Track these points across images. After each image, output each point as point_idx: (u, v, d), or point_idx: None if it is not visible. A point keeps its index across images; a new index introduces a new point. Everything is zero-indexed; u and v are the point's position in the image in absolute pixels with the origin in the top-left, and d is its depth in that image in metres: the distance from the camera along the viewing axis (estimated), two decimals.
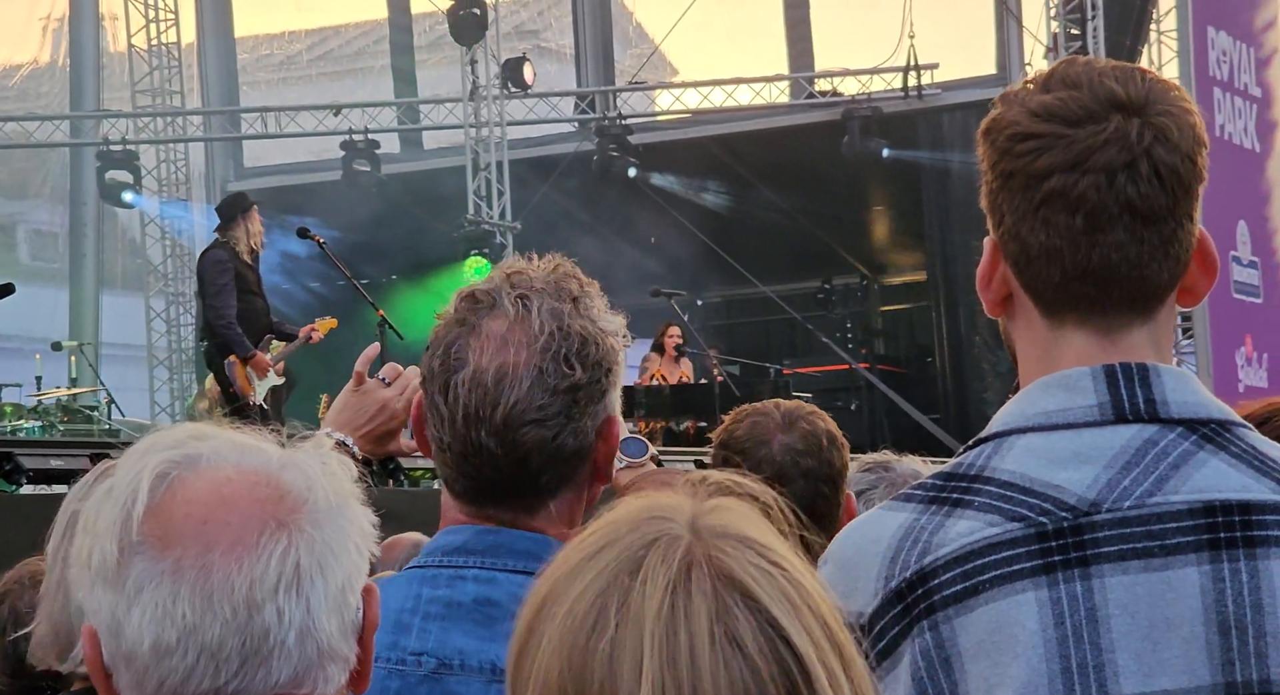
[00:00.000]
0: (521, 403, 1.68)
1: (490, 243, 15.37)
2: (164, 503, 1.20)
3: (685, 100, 18.23)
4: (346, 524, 1.24)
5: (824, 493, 2.68)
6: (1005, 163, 1.50)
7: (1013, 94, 1.53)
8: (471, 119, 16.08)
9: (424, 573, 1.74)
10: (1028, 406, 1.50)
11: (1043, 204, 1.47)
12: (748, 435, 2.69)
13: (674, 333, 13.25)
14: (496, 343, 1.69)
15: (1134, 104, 1.47)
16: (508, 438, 1.68)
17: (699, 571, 1.00)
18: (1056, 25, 14.98)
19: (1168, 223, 1.48)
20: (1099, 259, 1.47)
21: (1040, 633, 1.41)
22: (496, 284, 1.73)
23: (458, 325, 1.72)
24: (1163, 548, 1.43)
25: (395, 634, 1.69)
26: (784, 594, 1.01)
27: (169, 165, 17.97)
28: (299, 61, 32.69)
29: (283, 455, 1.25)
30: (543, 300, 1.71)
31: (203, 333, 10.25)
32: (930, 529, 1.46)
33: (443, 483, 1.76)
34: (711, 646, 0.97)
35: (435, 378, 1.71)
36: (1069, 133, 1.47)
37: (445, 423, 1.70)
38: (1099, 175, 1.46)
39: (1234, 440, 1.48)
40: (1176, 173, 1.47)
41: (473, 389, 1.68)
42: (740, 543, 1.02)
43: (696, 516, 1.03)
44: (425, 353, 1.76)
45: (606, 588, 1.01)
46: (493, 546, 1.72)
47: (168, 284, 17.97)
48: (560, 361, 1.69)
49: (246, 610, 1.18)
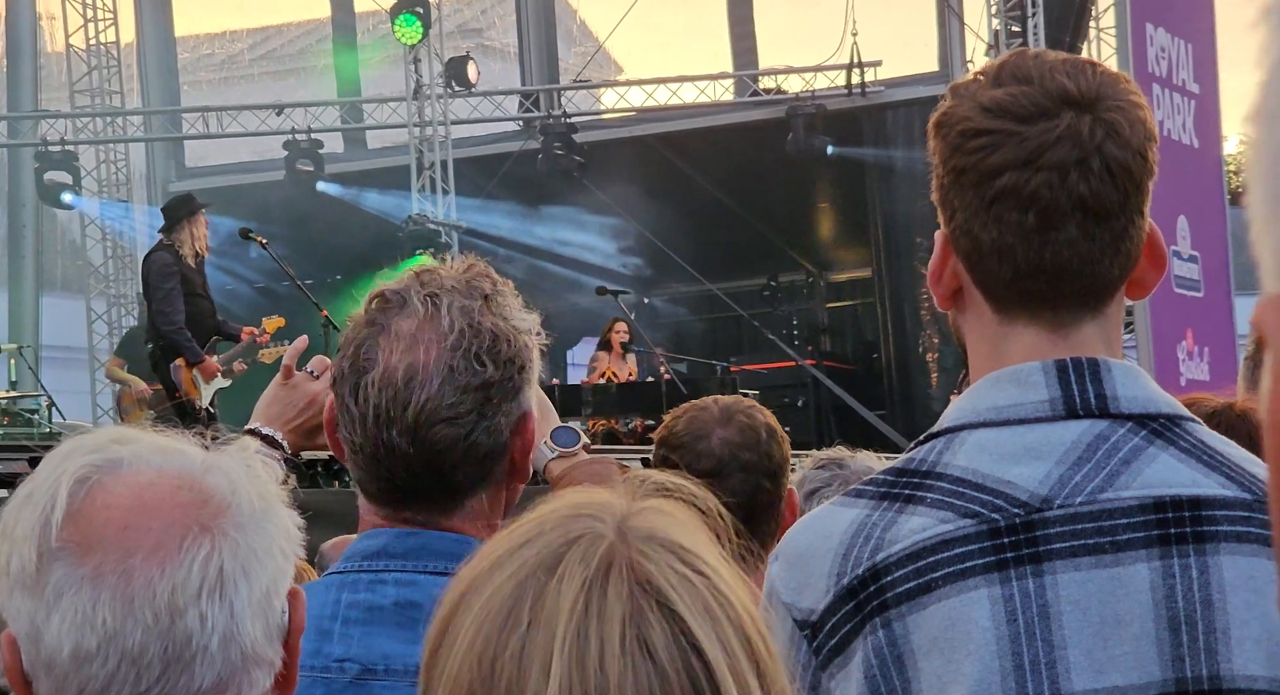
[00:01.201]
0: (432, 401, 1.66)
1: (435, 242, 15.31)
2: (84, 508, 1.19)
3: (630, 98, 18.22)
4: (271, 527, 1.24)
5: (764, 486, 2.68)
6: (957, 159, 1.49)
7: (963, 87, 1.53)
8: (415, 118, 16.00)
9: (343, 578, 1.72)
10: (979, 401, 1.50)
11: (995, 201, 1.47)
12: (686, 430, 2.69)
13: (620, 328, 13.24)
14: (406, 342, 1.67)
15: (1085, 99, 1.47)
16: (419, 437, 1.66)
17: (617, 574, 0.98)
18: (998, 22, 15.07)
19: (1119, 219, 1.48)
20: (1051, 256, 1.47)
21: (993, 630, 1.41)
22: (406, 283, 1.72)
23: (367, 326, 1.70)
24: (1114, 544, 1.43)
25: (318, 640, 1.67)
26: (702, 603, 0.99)
27: (109, 166, 17.78)
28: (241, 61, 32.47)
29: (206, 458, 1.24)
30: (452, 298, 1.70)
31: (148, 335, 10.16)
32: (882, 525, 1.45)
33: (356, 486, 1.75)
34: (622, 651, 0.96)
35: (345, 379, 1.69)
36: (1021, 129, 1.47)
37: (356, 424, 1.68)
38: (1051, 173, 1.46)
39: (1183, 435, 1.48)
40: (1128, 169, 1.47)
41: (382, 389, 1.67)
42: (665, 547, 1.01)
43: (625, 517, 1.02)
44: (337, 355, 1.74)
45: (523, 584, 0.99)
46: (413, 549, 1.71)
47: (109, 286, 17.78)
48: (471, 359, 1.67)
49: (169, 616, 1.17)
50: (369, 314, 1.71)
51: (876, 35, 16.56)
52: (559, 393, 13.00)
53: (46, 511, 1.18)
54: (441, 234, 15.42)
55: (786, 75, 17.18)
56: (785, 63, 17.50)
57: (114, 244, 17.78)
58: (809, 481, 3.25)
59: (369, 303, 1.72)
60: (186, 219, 9.61)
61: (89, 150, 17.58)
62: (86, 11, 17.78)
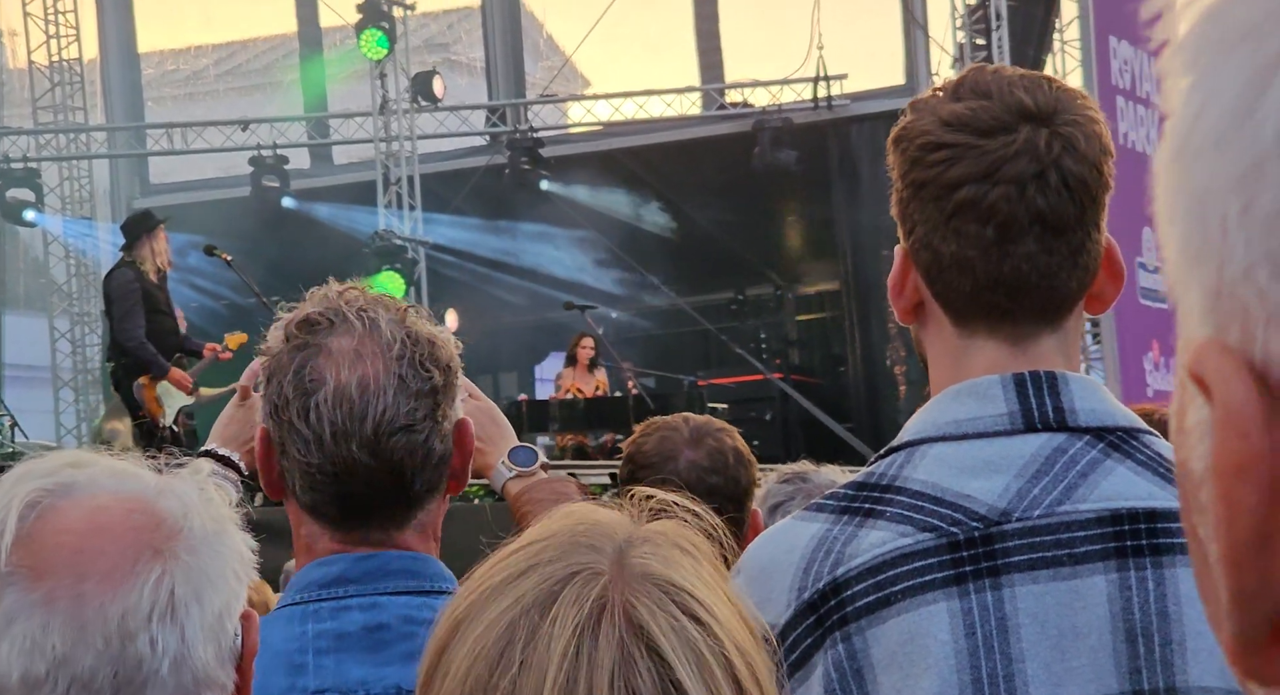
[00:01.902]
0: (389, 410, 1.67)
1: (402, 257, 15.29)
2: (35, 531, 1.18)
3: (597, 112, 18.24)
4: (224, 550, 1.24)
5: (728, 512, 2.68)
6: (916, 172, 1.50)
7: (923, 102, 1.54)
8: (381, 133, 15.98)
9: (304, 608, 1.71)
10: (939, 415, 1.50)
11: (954, 214, 1.48)
12: (655, 450, 2.69)
13: (587, 343, 13.23)
14: (350, 357, 1.68)
15: (1042, 114, 1.48)
16: (379, 448, 1.67)
17: (609, 619, 1.00)
18: (962, 35, 15.16)
19: (1076, 233, 1.49)
20: (1010, 269, 1.48)
21: (952, 643, 1.41)
22: (331, 304, 1.73)
23: (298, 350, 1.70)
24: (1071, 556, 1.43)
25: (291, 675, 1.67)
26: (693, 650, 1.00)
27: (72, 183, 17.69)
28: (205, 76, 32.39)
29: (159, 482, 1.24)
30: (380, 312, 1.72)
31: (109, 353, 10.11)
32: (843, 539, 1.46)
33: (306, 513, 1.73)
34: None
35: (291, 404, 1.68)
36: (980, 143, 1.47)
37: (311, 445, 1.68)
38: (1010, 186, 1.46)
39: (1140, 448, 1.49)
40: (1084, 183, 1.48)
41: (337, 405, 1.67)
42: (660, 588, 1.02)
43: (625, 549, 1.03)
44: (265, 387, 1.72)
45: (516, 621, 1.00)
46: (371, 572, 1.71)
47: (72, 304, 17.68)
48: (417, 366, 1.69)
49: (119, 640, 1.17)
50: (296, 339, 1.71)
51: (842, 49, 16.64)
52: (526, 408, 12.98)
53: None
54: (408, 249, 15.40)
55: (753, 89, 17.24)
56: (751, 76, 17.56)
57: (77, 262, 17.68)
58: (772, 496, 3.26)
59: (290, 328, 1.72)
60: (146, 235, 9.58)
61: (52, 167, 17.49)
62: (49, 28, 17.69)
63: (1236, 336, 0.51)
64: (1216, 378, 0.51)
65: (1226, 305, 0.52)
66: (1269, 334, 0.50)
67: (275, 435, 1.72)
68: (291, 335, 1.71)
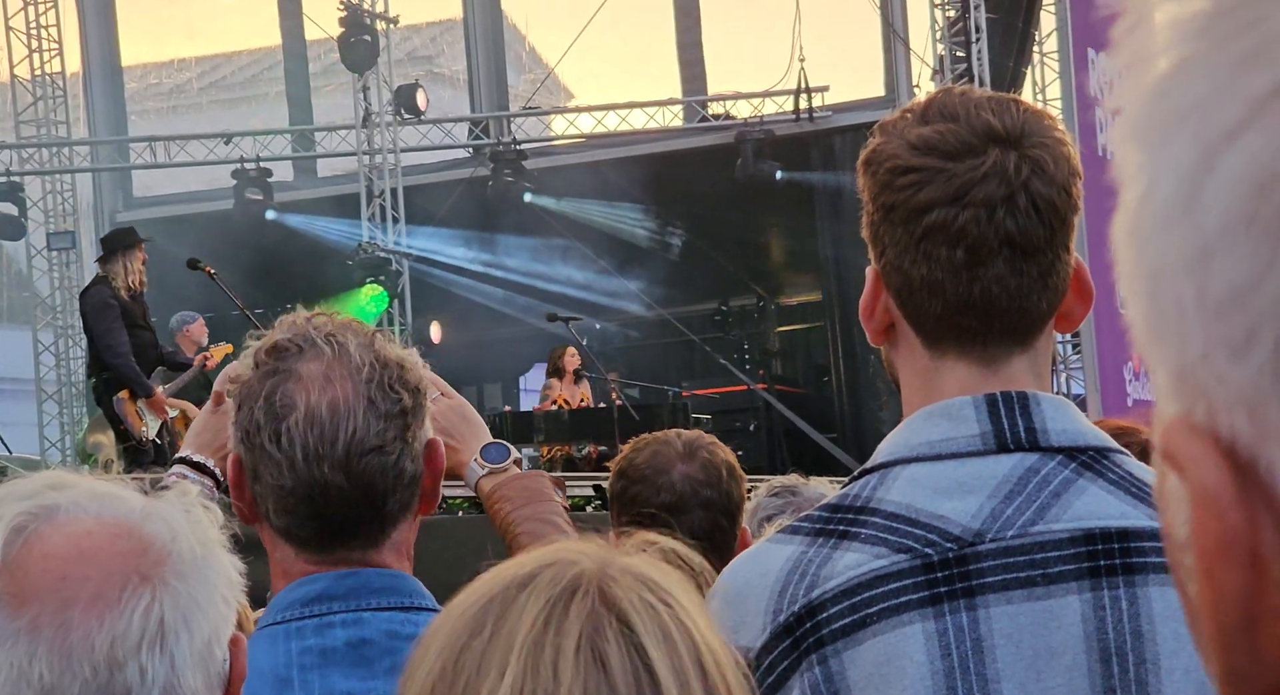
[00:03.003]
0: (360, 431, 1.69)
1: (386, 270, 15.27)
2: (19, 558, 1.16)
3: (580, 124, 18.24)
4: (212, 574, 1.22)
5: (721, 525, 2.69)
6: (886, 196, 1.51)
7: (891, 124, 1.55)
8: (365, 146, 15.97)
9: (287, 627, 1.72)
10: (911, 436, 1.51)
11: (924, 238, 1.49)
12: (649, 463, 2.69)
13: (571, 353, 13.22)
14: (320, 381, 1.70)
15: (1010, 136, 1.49)
16: (351, 469, 1.69)
17: (583, 592, 1.02)
18: (942, 48, 15.19)
19: (1046, 255, 1.50)
20: (980, 292, 1.49)
21: (928, 665, 1.42)
22: (299, 330, 1.75)
23: (268, 376, 1.72)
24: (1045, 576, 1.44)
25: (279, 690, 1.68)
26: (662, 629, 1.02)
27: (56, 196, 17.62)
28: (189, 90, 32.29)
29: (145, 505, 1.22)
30: (348, 337, 1.74)
31: (90, 369, 10.07)
32: (818, 562, 1.46)
33: (280, 538, 1.75)
34: (576, 660, 0.99)
35: (263, 429, 1.70)
36: (948, 166, 1.48)
37: (284, 468, 1.69)
38: (979, 209, 1.47)
39: (1111, 467, 1.50)
40: (1053, 205, 1.49)
41: (308, 428, 1.69)
42: (636, 578, 1.04)
43: (605, 555, 1.06)
44: (236, 414, 1.74)
45: (495, 596, 1.03)
46: (353, 589, 1.73)
47: (56, 317, 17.61)
48: (386, 389, 1.72)
49: (108, 669, 1.15)
50: (265, 365, 1.73)
51: (824, 61, 16.66)
52: (511, 420, 12.97)
53: None
54: (392, 261, 15.38)
55: (735, 101, 17.25)
56: (733, 88, 17.57)
57: (61, 275, 17.62)
58: (763, 509, 3.27)
59: (260, 355, 1.74)
60: (122, 252, 9.54)
61: (35, 181, 17.43)
62: (31, 41, 17.64)
63: (1202, 415, 0.50)
64: (1187, 457, 0.50)
65: (1190, 385, 0.50)
66: (1234, 416, 0.49)
67: (248, 461, 1.73)
68: (261, 361, 1.73)
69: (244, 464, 1.74)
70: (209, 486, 2.14)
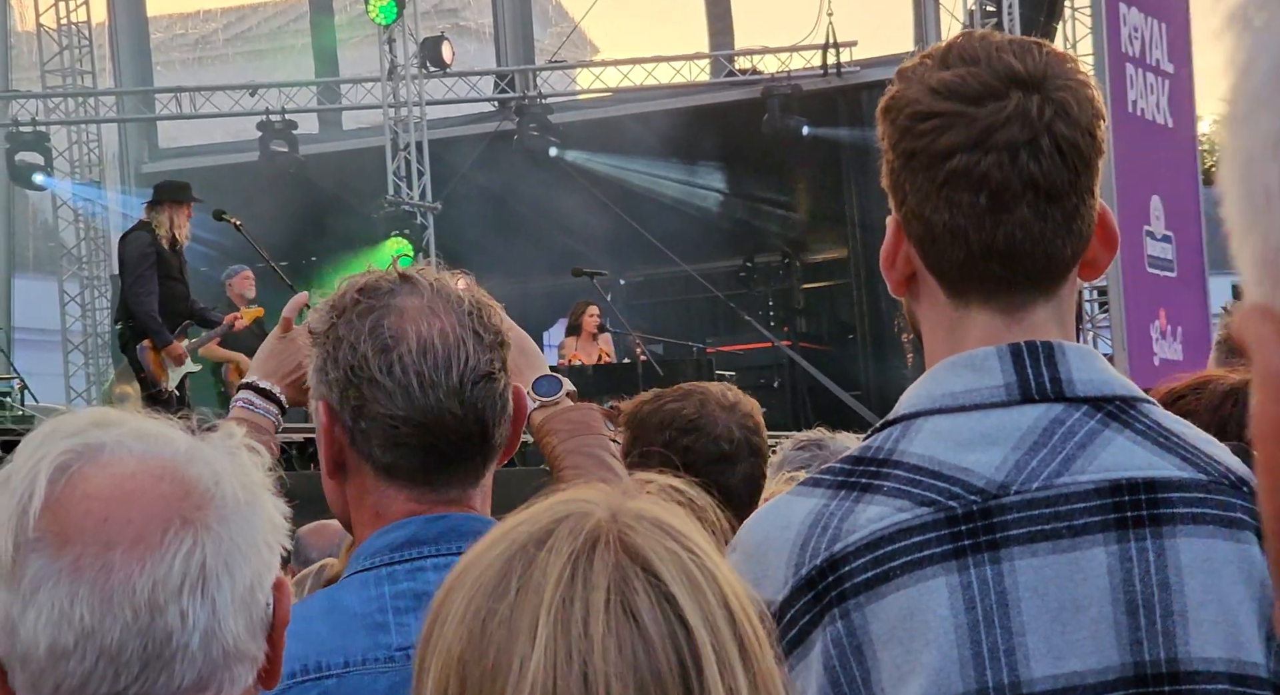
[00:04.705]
0: (471, 359, 1.70)
1: (410, 223, 15.26)
2: (63, 497, 1.15)
3: (605, 79, 18.17)
4: (256, 519, 1.20)
5: (762, 471, 2.70)
6: (906, 142, 1.48)
7: (910, 70, 1.52)
8: (390, 99, 15.94)
9: (376, 573, 1.71)
10: (934, 387, 1.49)
11: (945, 183, 1.46)
12: (698, 413, 2.67)
13: (593, 312, 13.19)
14: (426, 313, 1.71)
15: (1033, 79, 1.46)
16: (465, 397, 1.70)
17: (604, 545, 1.00)
18: (973, 2, 15.07)
19: (1070, 198, 1.47)
20: (1004, 237, 1.46)
21: (951, 618, 1.40)
22: (390, 274, 1.76)
23: (368, 312, 1.70)
24: (1070, 528, 1.43)
25: (372, 635, 1.67)
26: (687, 574, 1.01)
27: (81, 146, 17.66)
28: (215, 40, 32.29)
29: (190, 447, 1.21)
30: (440, 275, 1.77)
31: (118, 314, 10.14)
32: (840, 515, 1.44)
33: (381, 477, 1.72)
34: (606, 615, 0.98)
35: (370, 361, 1.69)
36: (970, 111, 1.46)
37: (397, 397, 1.68)
38: (1001, 153, 1.45)
39: (1138, 417, 1.48)
40: (1077, 147, 1.47)
41: (421, 356, 1.69)
42: (654, 525, 1.03)
43: (617, 502, 1.04)
44: (333, 354, 1.71)
45: (513, 557, 1.01)
46: (443, 533, 1.72)
47: (82, 267, 17.68)
48: (485, 322, 1.74)
49: (148, 612, 1.14)
50: (360, 304, 1.71)
51: (852, 15, 16.61)
52: None
53: (24, 500, 1.15)
54: (416, 215, 15.38)
55: (762, 55, 17.16)
56: (761, 43, 17.48)
57: (87, 225, 17.67)
58: (789, 462, 3.26)
59: (352, 294, 1.72)
60: (169, 203, 9.59)
61: (61, 131, 17.46)
62: None
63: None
64: (1257, 342, 0.51)
65: (1273, 273, 0.51)
66: None
67: (351, 398, 1.70)
68: (352, 301, 1.72)
69: (340, 406, 1.71)
70: (274, 413, 2.15)
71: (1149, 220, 14.50)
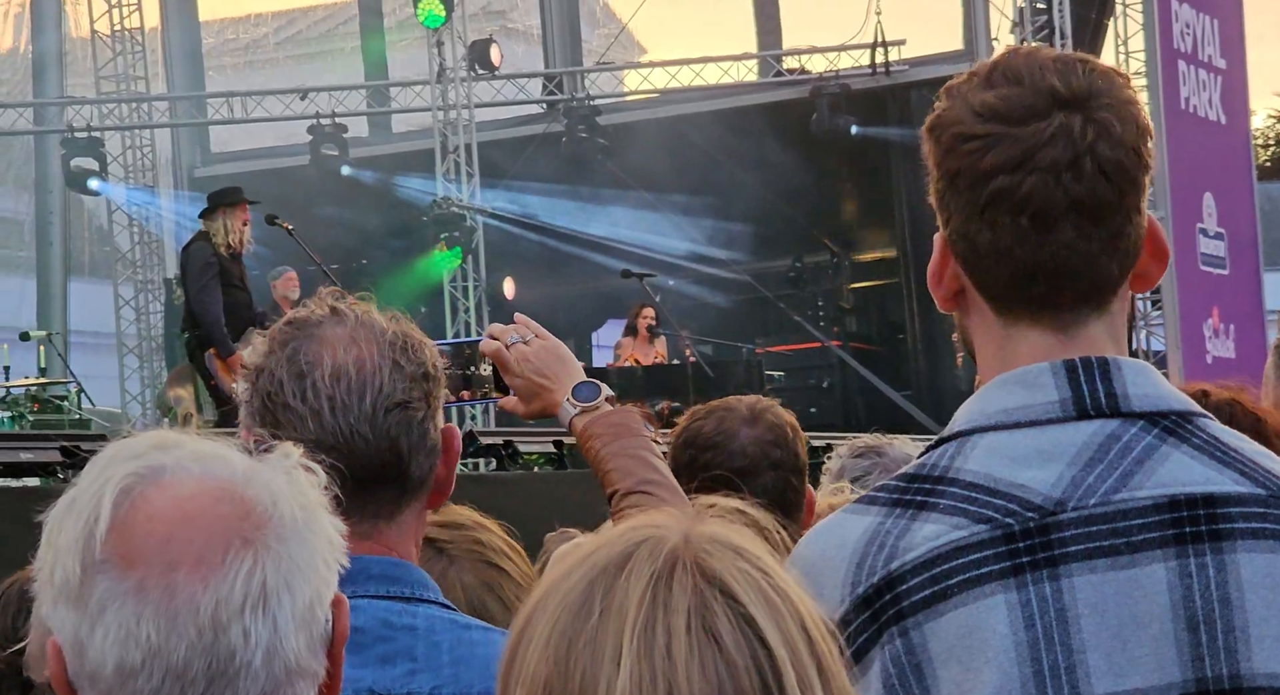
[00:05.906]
0: (386, 387, 1.70)
1: (460, 226, 15.33)
2: (127, 519, 1.18)
3: (653, 80, 18.19)
4: (313, 537, 1.23)
5: (792, 484, 2.70)
6: (950, 162, 1.49)
7: (955, 88, 1.52)
8: (439, 101, 16.01)
9: None
10: (987, 405, 1.49)
11: (988, 205, 1.47)
12: (716, 430, 2.70)
13: (647, 313, 13.21)
14: (345, 341, 1.71)
15: (1076, 99, 1.46)
16: (378, 423, 1.69)
17: (682, 569, 1.03)
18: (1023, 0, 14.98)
19: (1115, 217, 1.47)
20: (1049, 258, 1.46)
21: (1011, 636, 1.40)
22: (317, 306, 1.77)
23: (289, 341, 1.72)
24: (1129, 545, 1.42)
25: None
26: (764, 596, 1.03)
27: (135, 151, 17.84)
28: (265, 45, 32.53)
29: (248, 467, 1.23)
30: (370, 309, 1.76)
31: (184, 324, 10.23)
32: (896, 533, 1.45)
33: None
34: (689, 639, 1.00)
35: (285, 387, 1.69)
36: (1012, 131, 1.46)
37: (309, 421, 1.68)
38: (1044, 174, 1.45)
39: (1195, 432, 1.47)
40: (1121, 166, 1.46)
41: (334, 382, 1.69)
42: (728, 548, 1.05)
43: (689, 527, 1.07)
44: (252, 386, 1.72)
45: (594, 581, 1.04)
46: (351, 575, 1.70)
47: (136, 271, 17.86)
48: (409, 354, 1.73)
49: (212, 631, 1.16)
50: (284, 334, 1.73)
51: (900, 14, 16.49)
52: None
53: (90, 522, 1.17)
54: (466, 217, 15.44)
55: (810, 55, 17.13)
56: (809, 43, 17.46)
57: (141, 229, 17.85)
58: (849, 470, 3.25)
59: (280, 329, 1.74)
60: (222, 208, 9.65)
61: (115, 136, 17.65)
62: None
63: None
64: None
65: None
66: None
67: (268, 425, 1.70)
68: (279, 333, 1.73)
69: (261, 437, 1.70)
70: None
71: (1201, 217, 14.38)
